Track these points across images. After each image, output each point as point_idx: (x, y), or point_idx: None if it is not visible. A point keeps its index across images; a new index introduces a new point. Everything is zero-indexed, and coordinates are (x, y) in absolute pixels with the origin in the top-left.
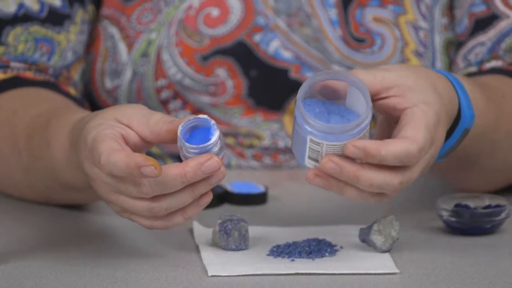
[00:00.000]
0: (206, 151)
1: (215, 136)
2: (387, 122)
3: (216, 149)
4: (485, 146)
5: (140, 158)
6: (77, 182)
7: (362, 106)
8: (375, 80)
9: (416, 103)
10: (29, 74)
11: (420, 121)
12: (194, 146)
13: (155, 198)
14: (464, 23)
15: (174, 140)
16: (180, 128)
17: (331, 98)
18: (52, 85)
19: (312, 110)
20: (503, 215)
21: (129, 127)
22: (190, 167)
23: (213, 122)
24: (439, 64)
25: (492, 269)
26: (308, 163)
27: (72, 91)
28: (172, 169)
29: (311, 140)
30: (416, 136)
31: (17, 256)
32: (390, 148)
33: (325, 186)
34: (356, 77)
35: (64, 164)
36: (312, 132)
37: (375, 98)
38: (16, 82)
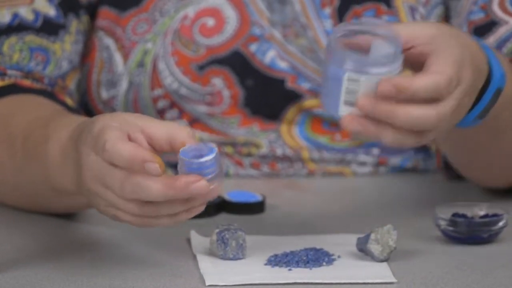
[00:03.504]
0: (198, 168)
1: (210, 156)
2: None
3: (208, 170)
4: None
5: (147, 153)
6: (67, 183)
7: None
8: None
9: (442, 45)
10: (27, 82)
11: (447, 57)
12: (186, 159)
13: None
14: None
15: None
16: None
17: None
18: (49, 94)
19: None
20: (500, 224)
21: (143, 131)
22: (178, 183)
23: (215, 148)
24: None
25: (489, 279)
26: (343, 110)
27: (68, 100)
28: (157, 183)
29: (348, 79)
30: (444, 69)
31: (14, 266)
32: (421, 81)
33: (361, 130)
34: (385, 26)
35: (58, 159)
36: (351, 67)
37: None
38: (13, 90)
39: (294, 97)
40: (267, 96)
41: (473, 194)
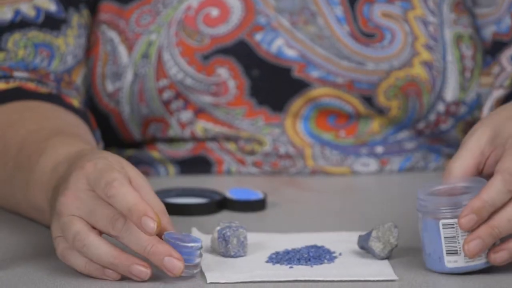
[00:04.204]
0: (180, 251)
1: (196, 244)
2: None
3: (188, 257)
4: None
5: (151, 209)
6: (42, 198)
7: None
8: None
9: (503, 142)
10: (32, 86)
11: (507, 150)
12: (172, 240)
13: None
14: (507, 23)
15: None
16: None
17: None
18: (54, 98)
19: None
20: None
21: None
22: (160, 246)
23: (200, 239)
24: (450, 57)
25: (490, 277)
26: (449, 261)
27: (75, 102)
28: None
29: (443, 226)
30: (502, 165)
31: (16, 263)
32: (487, 191)
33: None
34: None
35: (47, 174)
36: (444, 213)
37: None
38: (18, 94)
39: (301, 86)
40: (273, 86)
41: None
